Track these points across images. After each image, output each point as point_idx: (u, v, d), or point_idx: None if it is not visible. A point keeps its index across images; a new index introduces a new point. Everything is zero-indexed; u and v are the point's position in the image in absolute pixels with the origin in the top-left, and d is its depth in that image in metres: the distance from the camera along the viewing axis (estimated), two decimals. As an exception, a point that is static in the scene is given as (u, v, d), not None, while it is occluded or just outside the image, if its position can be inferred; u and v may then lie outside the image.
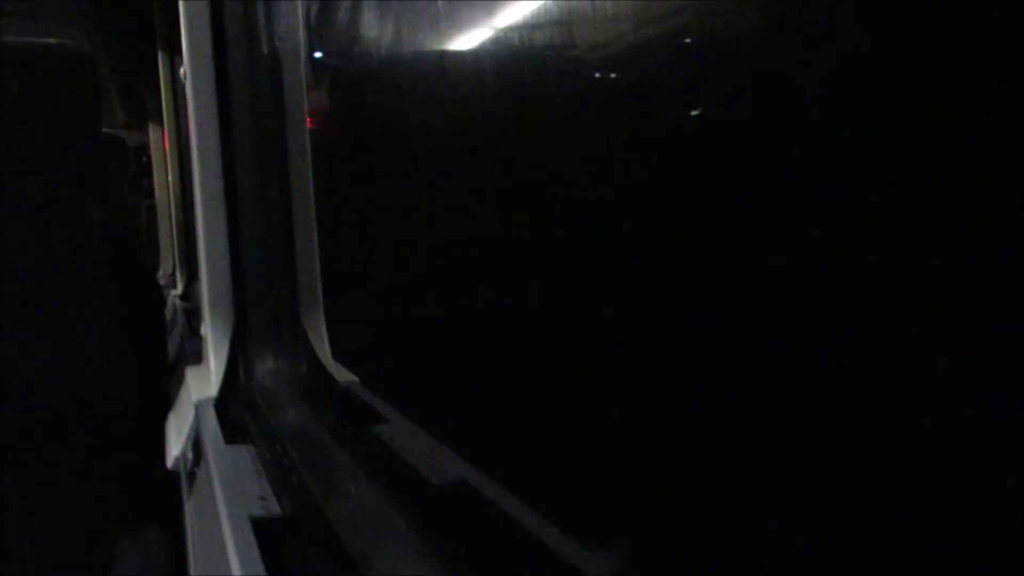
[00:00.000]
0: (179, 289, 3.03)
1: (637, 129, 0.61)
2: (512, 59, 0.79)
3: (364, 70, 1.41)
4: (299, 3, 1.32)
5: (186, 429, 1.21)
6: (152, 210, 4.06)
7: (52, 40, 1.44)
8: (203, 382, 1.25)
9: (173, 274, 3.47)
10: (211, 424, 1.09)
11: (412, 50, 1.20)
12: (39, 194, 1.37)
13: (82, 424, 1.41)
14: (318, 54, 1.48)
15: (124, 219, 2.49)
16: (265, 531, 0.71)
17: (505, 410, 0.83)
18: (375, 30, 1.35)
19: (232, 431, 1.06)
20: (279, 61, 1.32)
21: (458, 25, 0.97)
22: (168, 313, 2.67)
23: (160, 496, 1.29)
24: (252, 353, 1.26)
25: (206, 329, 1.28)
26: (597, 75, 0.67)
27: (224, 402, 1.18)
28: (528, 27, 0.77)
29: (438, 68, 1.11)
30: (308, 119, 1.34)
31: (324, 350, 1.26)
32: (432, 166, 1.15)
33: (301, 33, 1.32)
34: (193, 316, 2.37)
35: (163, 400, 1.65)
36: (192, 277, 3.00)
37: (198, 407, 1.17)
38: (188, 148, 2.60)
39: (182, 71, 1.26)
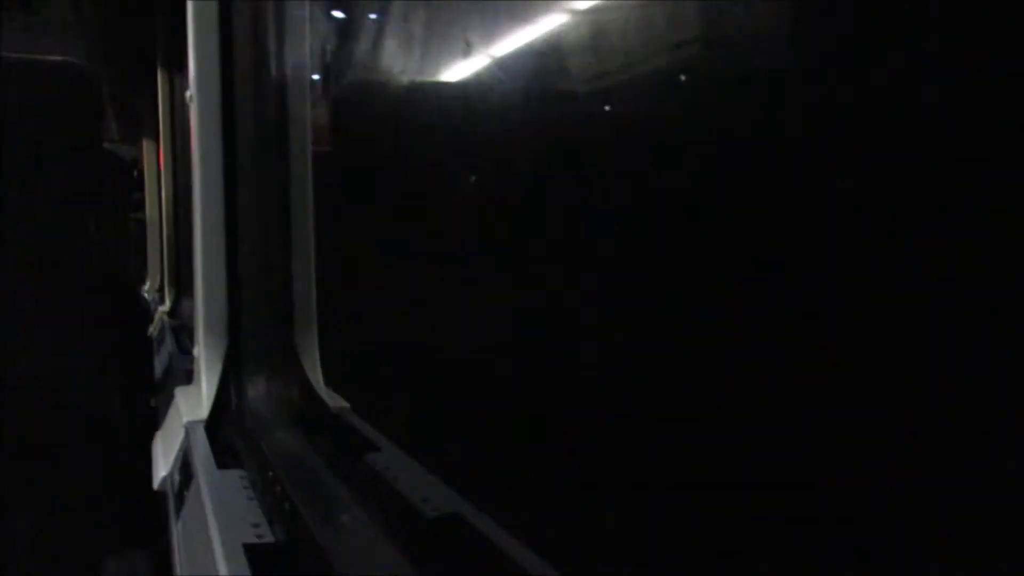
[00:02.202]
0: (167, 306, 3.02)
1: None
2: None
3: (369, 93, 1.43)
4: (307, 30, 1.34)
5: (174, 450, 1.21)
6: (141, 223, 4.05)
7: (56, 58, 1.45)
8: (194, 403, 1.25)
9: (161, 289, 3.46)
10: (201, 446, 1.09)
11: (415, 78, 1.22)
12: (41, 210, 1.38)
13: (68, 440, 1.41)
14: (322, 75, 1.50)
15: (117, 235, 2.49)
16: (258, 558, 0.72)
17: (498, 442, 0.84)
18: (380, 58, 1.37)
19: (223, 454, 1.06)
20: (285, 87, 1.33)
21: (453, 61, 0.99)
22: (155, 329, 2.67)
23: (145, 516, 1.29)
24: (244, 376, 1.26)
25: (199, 350, 1.28)
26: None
27: (215, 425, 1.18)
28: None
29: (442, 100, 1.13)
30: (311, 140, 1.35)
31: (316, 374, 1.27)
32: (435, 189, 1.17)
33: (308, 58, 1.34)
34: (181, 333, 2.37)
35: (149, 419, 1.65)
36: (180, 294, 2.99)
37: (188, 429, 1.17)
38: (184, 165, 2.60)
39: (188, 94, 1.28)
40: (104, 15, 2.95)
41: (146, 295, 3.78)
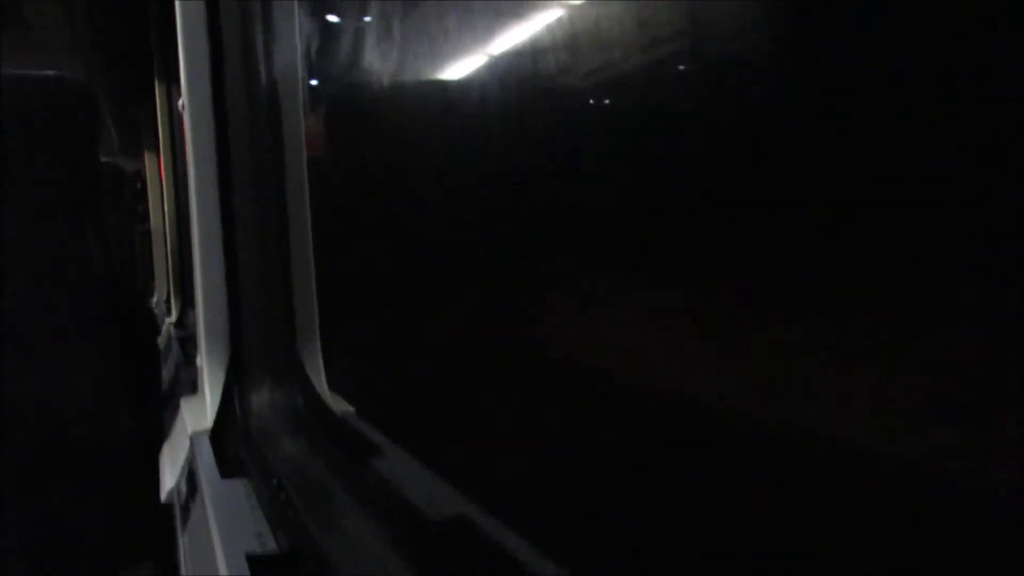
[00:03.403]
0: (173, 317, 3.02)
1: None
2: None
3: (362, 100, 1.42)
4: (297, 34, 1.33)
5: (180, 461, 1.20)
6: (147, 235, 4.06)
7: (52, 72, 1.44)
8: (198, 413, 1.25)
9: (168, 300, 3.46)
10: (206, 457, 1.08)
11: (410, 82, 1.21)
12: (39, 230, 1.37)
13: (77, 458, 1.40)
14: (315, 83, 1.49)
15: (120, 249, 2.49)
16: (261, 568, 0.71)
17: (503, 444, 0.83)
18: (373, 61, 1.36)
19: (227, 464, 1.05)
20: (277, 93, 1.32)
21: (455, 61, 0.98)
22: (163, 341, 2.67)
23: (155, 530, 1.28)
24: (248, 384, 1.25)
25: (202, 360, 1.27)
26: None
27: (219, 434, 1.17)
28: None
29: (437, 102, 1.12)
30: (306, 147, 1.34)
31: (320, 380, 1.26)
32: (431, 191, 1.16)
33: (300, 64, 1.33)
34: (188, 344, 2.36)
35: (157, 432, 1.64)
36: (187, 304, 2.99)
37: (193, 439, 1.16)
38: (185, 177, 2.60)
39: (180, 103, 1.27)
40: (100, 29, 2.95)
41: (154, 306, 3.79)
